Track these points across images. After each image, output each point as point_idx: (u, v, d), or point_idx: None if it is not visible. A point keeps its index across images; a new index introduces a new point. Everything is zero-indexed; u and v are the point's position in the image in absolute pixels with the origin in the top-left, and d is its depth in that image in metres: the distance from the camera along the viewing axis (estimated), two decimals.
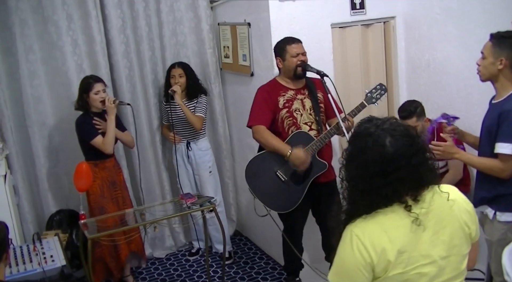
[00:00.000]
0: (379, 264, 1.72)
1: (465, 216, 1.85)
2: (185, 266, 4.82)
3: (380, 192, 1.73)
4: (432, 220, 1.77)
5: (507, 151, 2.76)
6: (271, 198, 3.69)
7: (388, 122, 1.80)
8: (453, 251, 1.80)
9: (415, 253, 1.74)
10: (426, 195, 1.78)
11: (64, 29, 4.31)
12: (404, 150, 1.73)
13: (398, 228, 1.74)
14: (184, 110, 4.43)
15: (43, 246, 3.32)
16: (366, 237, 1.73)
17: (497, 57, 2.80)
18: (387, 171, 1.72)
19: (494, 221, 2.94)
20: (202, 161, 4.69)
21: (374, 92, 3.68)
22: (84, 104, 4.07)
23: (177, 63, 4.61)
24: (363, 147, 1.76)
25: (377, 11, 4.41)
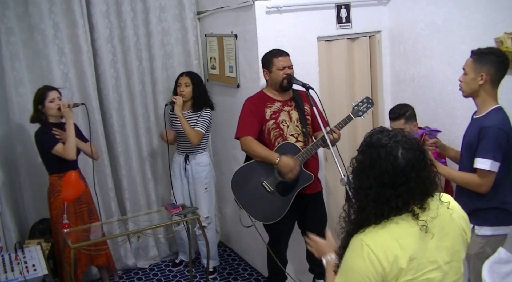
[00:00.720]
0: (391, 272, 1.75)
1: (463, 223, 1.92)
2: (168, 277, 4.80)
3: (390, 202, 1.77)
4: (436, 227, 1.82)
5: (485, 166, 2.81)
6: (256, 209, 3.70)
7: (400, 134, 1.84)
8: (455, 256, 1.86)
9: (423, 260, 1.78)
10: (430, 203, 1.84)
11: (50, 38, 4.31)
12: (415, 162, 1.77)
13: (408, 235, 1.78)
14: (182, 123, 4.30)
15: (25, 255, 3.31)
16: (378, 246, 1.76)
17: (477, 72, 2.85)
18: (397, 182, 1.76)
19: (472, 235, 2.96)
20: (199, 176, 4.57)
21: (361, 105, 3.70)
22: (40, 116, 3.98)
23: (185, 72, 4.55)
24: (376, 158, 1.78)
25: (363, 25, 4.46)
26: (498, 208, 2.93)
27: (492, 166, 2.81)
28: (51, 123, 4.02)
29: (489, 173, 2.83)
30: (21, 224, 4.46)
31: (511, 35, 3.43)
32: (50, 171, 4.07)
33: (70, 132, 3.94)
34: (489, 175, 2.84)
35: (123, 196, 4.80)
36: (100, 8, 4.45)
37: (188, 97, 4.44)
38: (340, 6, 4.31)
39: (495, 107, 2.89)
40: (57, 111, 3.97)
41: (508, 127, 2.86)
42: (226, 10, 4.42)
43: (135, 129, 4.81)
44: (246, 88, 4.27)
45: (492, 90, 2.88)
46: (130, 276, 4.82)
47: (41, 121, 4.01)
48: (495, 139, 2.79)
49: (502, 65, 2.84)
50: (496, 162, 2.80)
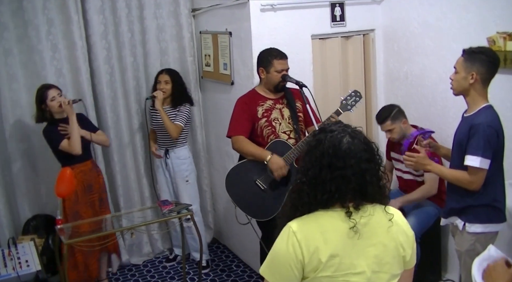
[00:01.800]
0: (310, 263, 1.77)
1: (402, 238, 1.88)
2: (162, 273, 4.81)
3: (324, 185, 1.78)
4: (369, 232, 1.81)
5: (475, 164, 2.83)
6: (250, 206, 3.72)
7: (354, 128, 1.87)
8: (384, 268, 1.83)
9: (346, 260, 1.78)
10: (368, 207, 1.83)
11: (44, 34, 4.30)
12: (357, 151, 1.79)
13: (335, 231, 1.79)
14: (162, 117, 4.41)
15: (18, 251, 3.31)
16: (302, 234, 1.78)
17: (468, 71, 2.87)
18: (335, 165, 1.77)
19: (463, 232, 3.01)
20: (179, 170, 4.66)
21: (349, 99, 3.68)
22: (45, 114, 4.04)
23: (165, 70, 4.62)
24: (321, 139, 1.82)
25: (357, 24, 4.48)
26: (489, 205, 2.95)
27: (481, 163, 2.82)
28: (57, 119, 4.07)
29: (479, 170, 2.85)
30: (14, 220, 4.45)
31: (503, 34, 3.45)
32: (62, 162, 4.14)
33: (74, 129, 3.99)
34: (479, 172, 2.86)
35: (116, 192, 4.81)
36: (94, 4, 4.44)
37: (168, 94, 4.53)
38: (334, 4, 4.32)
39: (485, 106, 2.91)
40: (59, 108, 4.01)
41: (498, 125, 2.89)
42: (220, 8, 4.43)
43: (129, 125, 4.82)
44: (240, 86, 4.29)
45: (482, 89, 2.90)
46: (124, 273, 4.83)
47: (47, 119, 4.07)
48: (485, 137, 2.81)
49: (492, 65, 2.86)
50: (486, 159, 2.82)
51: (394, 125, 3.92)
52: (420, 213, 3.92)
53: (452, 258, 4.13)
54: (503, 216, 3.01)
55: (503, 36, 3.45)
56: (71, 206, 4.06)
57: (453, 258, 4.04)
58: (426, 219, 3.91)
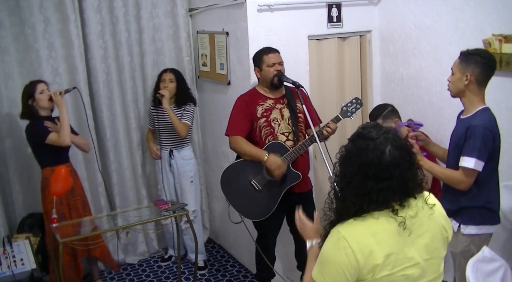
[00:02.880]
0: (365, 266, 1.78)
1: (443, 221, 1.95)
2: (157, 273, 4.81)
3: (371, 196, 1.80)
4: (416, 223, 1.85)
5: (469, 165, 2.85)
6: (244, 206, 3.73)
7: (391, 132, 1.87)
8: (434, 254, 1.89)
9: (400, 256, 1.81)
10: (412, 202, 1.86)
11: (40, 32, 4.29)
12: (400, 161, 1.80)
13: (385, 231, 1.81)
14: (170, 116, 4.38)
15: (13, 249, 3.30)
16: (354, 239, 1.79)
17: (463, 73, 2.89)
18: (380, 176, 1.79)
19: (458, 233, 3.01)
20: (184, 170, 4.64)
21: (350, 106, 3.70)
22: (31, 110, 4.00)
23: (169, 69, 4.61)
24: (364, 148, 1.82)
25: (354, 25, 4.48)
26: (484, 207, 2.97)
27: (476, 165, 2.84)
28: (42, 117, 4.03)
29: (473, 171, 2.86)
30: (9, 218, 4.44)
31: (499, 37, 3.46)
32: (43, 164, 4.09)
33: (64, 119, 3.95)
34: (472, 173, 2.87)
35: (112, 191, 4.81)
36: (92, 3, 4.44)
37: (172, 93, 4.50)
38: (331, 6, 4.33)
39: (482, 108, 2.93)
40: (49, 102, 3.99)
41: (494, 127, 2.90)
42: (217, 8, 4.43)
43: (126, 124, 4.81)
44: (237, 86, 4.29)
45: (478, 91, 2.91)
46: (119, 272, 4.82)
47: (32, 116, 4.02)
48: (481, 139, 2.82)
49: (487, 66, 2.87)
50: (480, 161, 2.84)
51: (385, 124, 3.93)
52: None
53: (446, 260, 4.13)
54: (498, 218, 3.02)
55: (498, 38, 3.47)
56: (56, 208, 3.99)
57: (447, 260, 4.04)
58: None
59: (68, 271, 4.12)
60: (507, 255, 3.11)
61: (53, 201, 3.71)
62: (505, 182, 3.22)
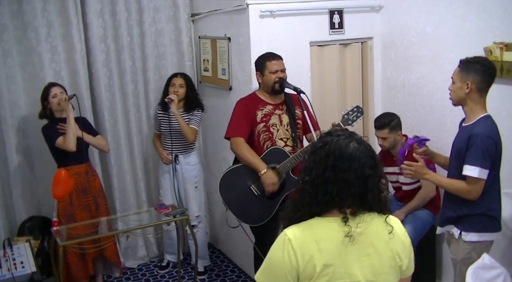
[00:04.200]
0: (304, 271, 1.78)
1: (399, 248, 1.88)
2: (157, 277, 4.81)
3: (326, 186, 1.79)
4: (365, 241, 1.81)
5: (473, 174, 2.85)
6: (242, 211, 3.73)
7: (360, 137, 1.88)
8: (380, 278, 1.83)
9: (341, 269, 1.78)
10: (365, 216, 1.83)
11: (43, 36, 4.31)
12: (362, 157, 1.80)
13: (330, 239, 1.79)
14: (178, 120, 4.37)
15: (13, 252, 3.30)
16: (297, 243, 1.79)
17: (463, 81, 2.89)
18: (340, 167, 1.78)
19: (459, 240, 3.01)
20: (189, 176, 4.63)
21: (351, 114, 3.70)
22: (46, 112, 4.09)
23: (179, 73, 4.61)
24: (328, 141, 1.84)
25: (355, 32, 4.50)
26: (485, 215, 2.96)
27: (480, 173, 2.84)
28: (57, 118, 4.10)
29: (478, 180, 2.86)
30: (10, 221, 4.45)
31: (500, 44, 3.47)
32: (58, 164, 4.15)
33: (69, 125, 4.00)
34: (477, 182, 2.87)
35: (113, 195, 4.81)
36: (94, 7, 4.46)
37: (181, 98, 4.49)
38: (333, 12, 4.34)
39: (484, 116, 2.93)
40: (58, 105, 4.05)
41: (496, 135, 2.90)
42: (220, 13, 4.44)
43: (127, 128, 4.82)
44: (238, 91, 4.30)
45: (479, 99, 2.91)
46: (119, 276, 4.80)
47: (48, 117, 4.11)
48: (484, 147, 2.82)
49: (487, 74, 2.87)
50: (484, 169, 2.84)
51: (390, 135, 3.94)
52: (416, 221, 3.93)
53: (446, 266, 4.14)
54: (499, 225, 3.02)
55: (499, 46, 3.48)
56: (65, 208, 4.05)
57: (448, 266, 4.04)
58: (422, 226, 3.93)
59: (76, 272, 4.15)
60: (507, 263, 3.11)
61: (55, 204, 3.73)
62: (506, 190, 3.22)
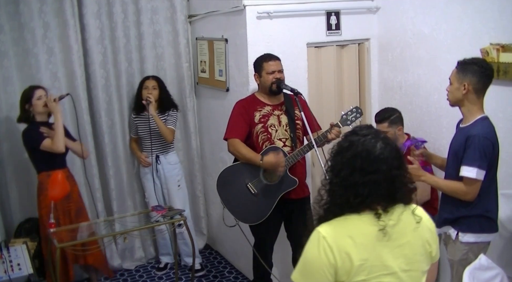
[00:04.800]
0: (342, 267, 1.78)
1: (427, 234, 1.92)
2: (154, 278, 4.80)
3: (356, 189, 1.80)
4: (397, 233, 1.84)
5: (471, 175, 2.85)
6: (239, 209, 3.73)
7: (383, 134, 1.90)
8: (414, 266, 1.87)
9: (377, 262, 1.80)
10: (396, 209, 1.86)
11: (40, 37, 4.30)
12: (389, 158, 1.82)
13: (364, 235, 1.81)
14: (156, 121, 4.43)
15: (10, 254, 3.30)
16: (332, 239, 1.80)
17: (460, 82, 2.91)
18: (367, 169, 1.80)
19: (456, 241, 3.02)
20: (171, 175, 4.68)
21: (350, 115, 3.72)
22: (27, 115, 4.01)
23: (151, 76, 4.64)
24: (354, 141, 1.85)
25: (352, 33, 4.50)
26: (482, 216, 2.97)
27: (478, 174, 2.85)
28: (38, 122, 4.02)
29: (475, 181, 2.87)
30: (6, 223, 4.44)
31: (496, 46, 3.48)
32: (39, 169, 4.08)
33: (58, 125, 3.94)
34: (475, 183, 2.88)
35: (110, 196, 4.80)
36: (91, 8, 4.45)
37: (155, 100, 4.53)
38: (330, 13, 4.35)
39: (481, 117, 2.94)
40: (44, 107, 3.98)
41: (493, 136, 2.91)
42: (217, 14, 4.45)
43: (124, 130, 4.82)
44: (235, 92, 4.30)
45: (476, 100, 2.92)
46: (116, 278, 4.81)
47: (28, 121, 4.02)
48: (481, 148, 2.83)
49: (484, 75, 2.88)
50: (481, 170, 2.85)
51: (390, 129, 3.92)
52: None
53: (443, 267, 4.13)
54: (496, 226, 3.03)
55: (496, 47, 3.49)
56: (48, 213, 3.98)
57: (445, 267, 4.04)
58: None
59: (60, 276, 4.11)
60: (504, 263, 3.12)
61: (51, 205, 3.71)
62: (503, 191, 3.22)
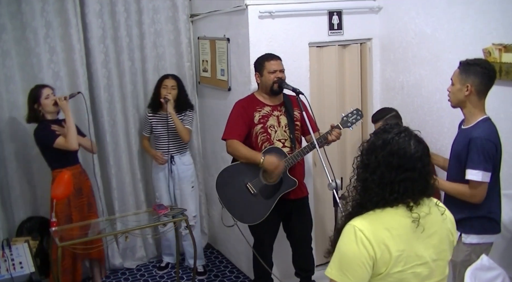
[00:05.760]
0: (381, 259, 1.80)
1: (449, 224, 1.99)
2: (155, 278, 4.80)
3: (393, 186, 1.83)
4: (427, 224, 1.88)
5: (477, 178, 2.85)
6: (238, 209, 3.73)
7: (413, 132, 1.93)
8: (441, 256, 1.92)
9: (412, 253, 1.84)
10: (425, 201, 1.91)
11: (42, 36, 4.31)
12: (423, 155, 1.87)
13: (399, 227, 1.84)
14: (175, 120, 4.38)
15: (12, 252, 3.30)
16: (369, 232, 1.81)
17: (463, 83, 2.90)
18: (404, 167, 1.83)
19: (459, 242, 3.00)
20: (185, 176, 4.65)
21: (350, 117, 3.72)
22: (37, 114, 4.04)
23: (170, 75, 4.60)
24: (389, 139, 1.87)
25: (354, 33, 4.50)
26: (485, 217, 2.96)
27: (483, 177, 2.84)
28: (49, 120, 4.07)
29: (481, 183, 2.86)
30: (8, 221, 4.45)
31: (498, 46, 3.48)
32: (52, 166, 4.13)
33: (70, 123, 3.99)
34: (481, 186, 2.87)
35: (111, 195, 4.81)
36: (93, 8, 4.46)
37: (173, 99, 4.50)
38: (332, 13, 4.35)
39: (483, 118, 2.93)
40: (54, 106, 4.02)
41: (496, 138, 2.90)
42: (219, 14, 4.45)
43: (126, 129, 4.82)
44: (237, 92, 4.30)
45: (478, 101, 2.92)
46: (117, 276, 4.82)
47: (38, 120, 4.06)
48: (484, 150, 2.82)
49: (487, 76, 2.87)
50: (487, 172, 2.84)
51: None
52: None
53: None
54: (498, 227, 3.02)
55: (498, 47, 3.48)
56: (63, 209, 4.05)
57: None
58: None
59: (67, 275, 4.13)
60: (506, 264, 3.11)
61: (53, 204, 3.72)
62: (505, 191, 3.22)
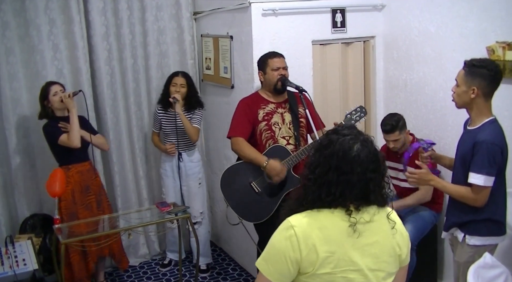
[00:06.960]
0: (307, 258, 1.80)
1: (398, 238, 1.93)
2: (158, 275, 4.81)
3: (330, 187, 1.83)
4: (368, 231, 1.85)
5: (479, 182, 2.81)
6: (243, 208, 3.73)
7: (365, 136, 1.90)
8: (381, 266, 1.88)
9: (345, 257, 1.82)
10: (369, 209, 1.88)
11: (45, 33, 4.31)
12: (365, 160, 1.83)
13: (333, 228, 1.83)
14: (183, 120, 4.38)
15: (15, 249, 3.31)
16: (301, 229, 1.81)
17: (469, 86, 2.84)
18: (342, 169, 1.82)
19: (463, 244, 2.99)
20: (193, 172, 4.65)
21: (354, 114, 3.70)
22: (47, 111, 4.08)
23: (180, 72, 4.59)
24: (333, 140, 1.86)
25: (358, 30, 4.49)
26: (490, 219, 2.93)
27: (486, 181, 2.81)
28: (58, 117, 4.10)
29: (484, 188, 2.83)
30: (12, 218, 4.46)
31: (502, 44, 3.47)
32: (60, 162, 4.15)
33: (73, 121, 4.01)
34: (483, 190, 2.84)
35: (114, 193, 4.81)
36: (97, 5, 4.46)
37: (182, 98, 4.48)
38: (336, 11, 4.34)
39: (489, 120, 2.88)
40: (60, 103, 4.04)
41: (502, 141, 2.87)
42: (222, 11, 4.45)
43: (129, 127, 4.82)
44: (240, 90, 4.30)
45: (485, 103, 2.87)
46: (120, 274, 4.83)
47: (49, 117, 4.10)
48: (489, 154, 2.79)
49: (494, 79, 2.82)
50: (490, 177, 2.81)
51: (401, 136, 3.90)
52: (417, 220, 3.92)
53: (448, 266, 4.14)
54: (504, 229, 3.00)
55: (502, 45, 3.47)
56: (68, 206, 4.06)
57: (449, 266, 4.05)
58: (423, 225, 3.92)
59: (78, 271, 4.15)
60: (509, 262, 3.11)
61: (55, 202, 3.73)
62: (509, 189, 3.19)
